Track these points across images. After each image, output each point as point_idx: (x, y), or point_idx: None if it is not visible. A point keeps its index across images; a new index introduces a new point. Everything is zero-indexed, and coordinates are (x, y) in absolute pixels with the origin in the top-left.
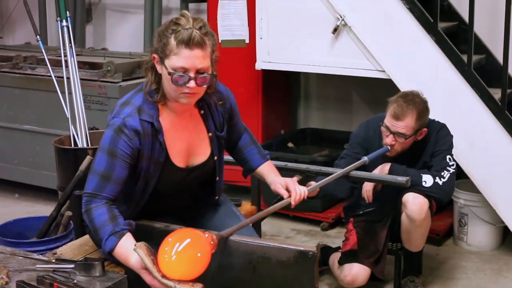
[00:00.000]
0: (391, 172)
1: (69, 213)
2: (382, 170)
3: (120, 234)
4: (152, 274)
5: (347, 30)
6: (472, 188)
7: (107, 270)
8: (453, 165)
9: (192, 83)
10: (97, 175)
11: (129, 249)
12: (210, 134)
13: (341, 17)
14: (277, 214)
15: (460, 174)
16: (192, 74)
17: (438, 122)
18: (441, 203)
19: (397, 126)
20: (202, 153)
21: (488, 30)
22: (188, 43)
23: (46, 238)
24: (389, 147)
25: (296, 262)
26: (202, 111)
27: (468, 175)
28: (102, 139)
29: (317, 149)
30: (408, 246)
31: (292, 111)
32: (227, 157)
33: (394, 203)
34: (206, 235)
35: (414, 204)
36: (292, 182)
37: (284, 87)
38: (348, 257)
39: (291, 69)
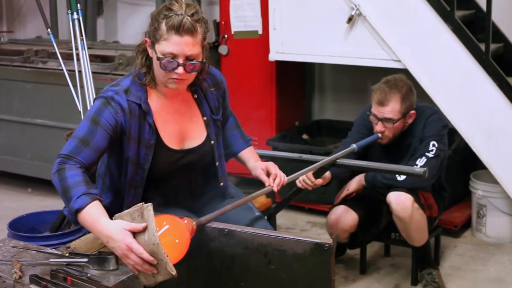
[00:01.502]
0: (367, 180)
1: None
2: (360, 180)
3: (93, 197)
4: (152, 236)
5: (362, 19)
6: (490, 179)
7: (121, 264)
8: (432, 150)
9: (180, 70)
10: (76, 139)
11: (99, 213)
12: (205, 118)
13: (356, 7)
14: (292, 207)
15: (478, 165)
16: (181, 61)
17: (431, 108)
18: (426, 189)
19: (383, 112)
20: (197, 137)
21: (506, 18)
22: (178, 29)
23: (59, 232)
24: (379, 135)
25: (312, 255)
26: (196, 95)
27: (486, 165)
28: (88, 110)
29: (332, 140)
30: (411, 242)
31: (307, 103)
32: None
33: None
34: (186, 221)
35: (397, 204)
36: (273, 166)
37: (298, 78)
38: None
39: (305, 60)
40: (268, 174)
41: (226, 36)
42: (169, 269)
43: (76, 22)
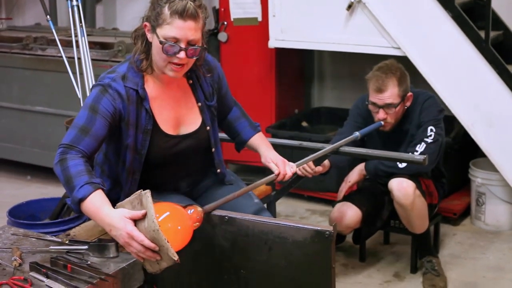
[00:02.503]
0: (368, 169)
1: None
2: (361, 170)
3: (96, 186)
4: (151, 222)
5: (362, 6)
6: (489, 166)
7: (121, 251)
8: (431, 135)
9: (182, 54)
10: (76, 128)
11: (102, 202)
12: (200, 104)
13: None
14: (292, 194)
15: (478, 152)
16: (183, 45)
17: (426, 93)
18: (427, 176)
19: (383, 98)
20: (192, 122)
21: (506, 6)
22: (182, 14)
23: (59, 220)
24: (382, 122)
25: (313, 242)
26: (191, 81)
27: (485, 153)
28: (86, 98)
29: (331, 128)
30: (411, 229)
31: (307, 91)
32: (222, 134)
33: None
34: (192, 210)
35: (399, 190)
36: (282, 162)
37: (297, 66)
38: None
39: (305, 47)
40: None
41: (225, 23)
42: (170, 254)
43: (76, 8)
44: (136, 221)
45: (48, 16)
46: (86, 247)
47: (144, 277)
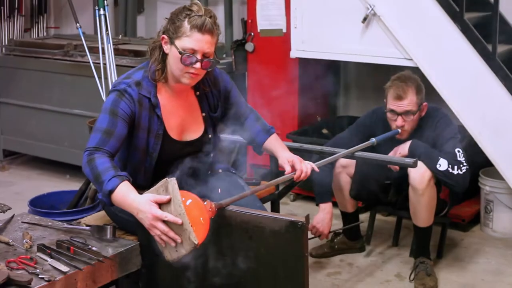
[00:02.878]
0: (412, 148)
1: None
2: (403, 149)
3: (122, 178)
4: (177, 207)
5: (377, 19)
6: (497, 175)
7: (120, 237)
8: (464, 161)
9: (198, 65)
10: (100, 132)
11: (129, 190)
12: (204, 114)
13: (370, 7)
14: (307, 197)
15: (485, 162)
16: (199, 57)
17: (437, 110)
18: (452, 190)
19: (402, 106)
20: (195, 130)
21: None
22: (201, 28)
23: (73, 210)
24: (399, 130)
25: (287, 232)
26: (198, 93)
27: (492, 162)
28: (104, 103)
29: None
30: (415, 220)
31: (332, 100)
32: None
33: None
34: (205, 202)
35: (415, 173)
36: (299, 160)
37: (322, 76)
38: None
39: (324, 57)
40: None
41: (252, 34)
42: (192, 238)
43: (102, 17)
44: (161, 207)
45: (77, 24)
46: (89, 227)
47: (141, 262)
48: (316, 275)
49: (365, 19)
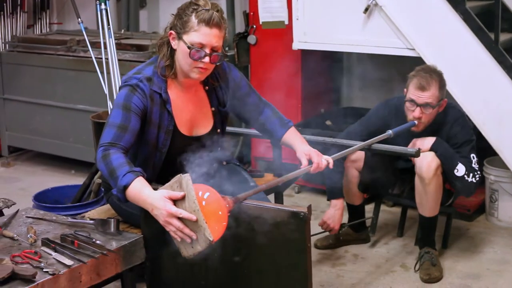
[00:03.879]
0: (434, 146)
1: (98, 180)
2: (425, 145)
3: (136, 174)
4: (192, 203)
5: (378, 9)
6: (502, 164)
7: (123, 230)
8: (478, 168)
9: (206, 59)
10: (114, 127)
11: (143, 185)
12: (213, 108)
13: None
14: (314, 190)
15: (490, 151)
16: (207, 51)
17: (454, 107)
18: (459, 194)
19: (423, 97)
20: (205, 125)
21: None
22: (209, 22)
23: (77, 204)
24: (415, 122)
25: (290, 222)
26: (207, 87)
27: (496, 151)
28: (116, 98)
29: None
30: (421, 210)
31: (335, 91)
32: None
33: None
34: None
35: (422, 162)
36: (316, 154)
37: (325, 67)
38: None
39: (326, 48)
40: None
41: (254, 26)
42: (207, 235)
43: (104, 12)
44: (176, 203)
45: (79, 19)
46: (92, 221)
47: (145, 255)
48: (321, 267)
49: (366, 9)
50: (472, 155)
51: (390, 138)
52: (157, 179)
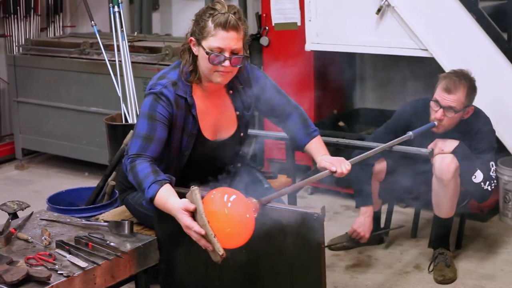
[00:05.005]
0: (456, 150)
1: (112, 182)
2: (448, 147)
3: (161, 183)
4: (200, 217)
5: (391, 10)
6: None
7: (138, 232)
8: (495, 177)
9: (227, 63)
10: (140, 138)
11: (168, 195)
12: (238, 112)
13: None
14: (327, 191)
15: (503, 151)
16: (227, 54)
17: (487, 117)
18: (472, 198)
19: (448, 100)
20: (229, 129)
21: None
22: (225, 25)
23: (91, 206)
24: (435, 123)
25: (303, 224)
26: (231, 91)
27: (510, 151)
28: (142, 107)
29: (367, 127)
30: (437, 211)
31: (348, 92)
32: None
33: None
34: (249, 200)
35: (441, 164)
36: (338, 161)
37: (337, 68)
38: None
39: (339, 49)
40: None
41: (267, 28)
42: (217, 249)
43: (117, 14)
44: (194, 214)
45: (92, 22)
46: (107, 223)
47: (159, 256)
48: (334, 268)
49: (379, 10)
50: (491, 163)
51: (411, 139)
52: (179, 181)
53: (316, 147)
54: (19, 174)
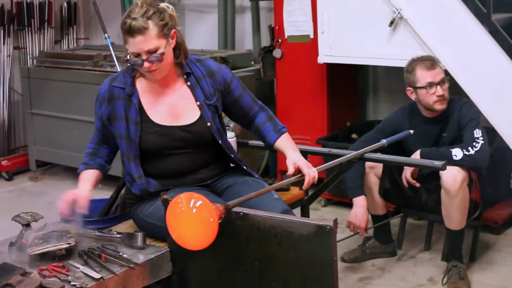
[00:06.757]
0: (423, 156)
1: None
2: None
3: (86, 167)
4: None
5: (404, 23)
6: None
7: (150, 244)
8: (481, 136)
9: (146, 64)
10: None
11: (83, 180)
12: (198, 102)
13: (397, 10)
14: (339, 203)
15: None
16: (144, 56)
17: (460, 98)
18: (480, 172)
19: (437, 74)
20: (189, 116)
21: None
22: (130, 32)
23: (104, 217)
24: (411, 131)
25: (316, 236)
26: (189, 83)
27: None
28: None
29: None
30: (448, 223)
31: (361, 104)
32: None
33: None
34: (214, 206)
35: (448, 175)
36: (306, 165)
37: (351, 80)
38: None
39: (351, 62)
40: (299, 171)
41: (280, 40)
42: None
43: None
44: None
45: (106, 34)
46: (119, 235)
47: (172, 268)
48: (347, 280)
49: (392, 22)
50: (475, 130)
51: (384, 146)
52: (169, 172)
53: (286, 143)
54: (33, 186)
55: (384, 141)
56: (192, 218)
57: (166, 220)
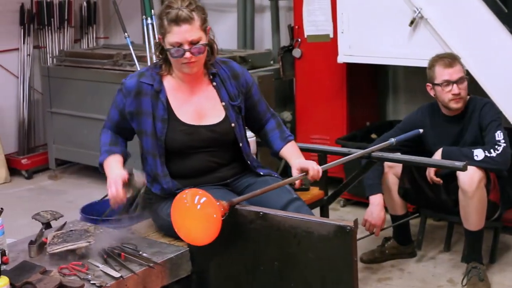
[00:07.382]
0: (444, 155)
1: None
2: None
3: (110, 152)
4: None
5: (424, 22)
6: None
7: (170, 243)
8: (503, 139)
9: (187, 54)
10: (109, 114)
11: (113, 164)
12: (223, 103)
13: (417, 10)
14: (357, 203)
15: None
16: (186, 47)
17: (482, 98)
18: (501, 174)
19: (455, 72)
20: (215, 116)
21: None
22: (177, 20)
23: (123, 216)
24: (420, 130)
25: (336, 236)
26: (215, 83)
27: None
28: None
29: None
30: (466, 224)
31: (381, 104)
32: None
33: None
34: (218, 203)
35: (465, 175)
36: (308, 162)
37: (370, 80)
38: None
39: (371, 61)
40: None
41: (299, 40)
42: None
43: (150, 26)
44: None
45: (125, 34)
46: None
47: (191, 267)
48: (367, 281)
49: (412, 22)
50: (497, 132)
51: (393, 146)
52: (188, 170)
53: (291, 151)
54: (52, 184)
55: (392, 140)
56: (197, 214)
57: (171, 215)
